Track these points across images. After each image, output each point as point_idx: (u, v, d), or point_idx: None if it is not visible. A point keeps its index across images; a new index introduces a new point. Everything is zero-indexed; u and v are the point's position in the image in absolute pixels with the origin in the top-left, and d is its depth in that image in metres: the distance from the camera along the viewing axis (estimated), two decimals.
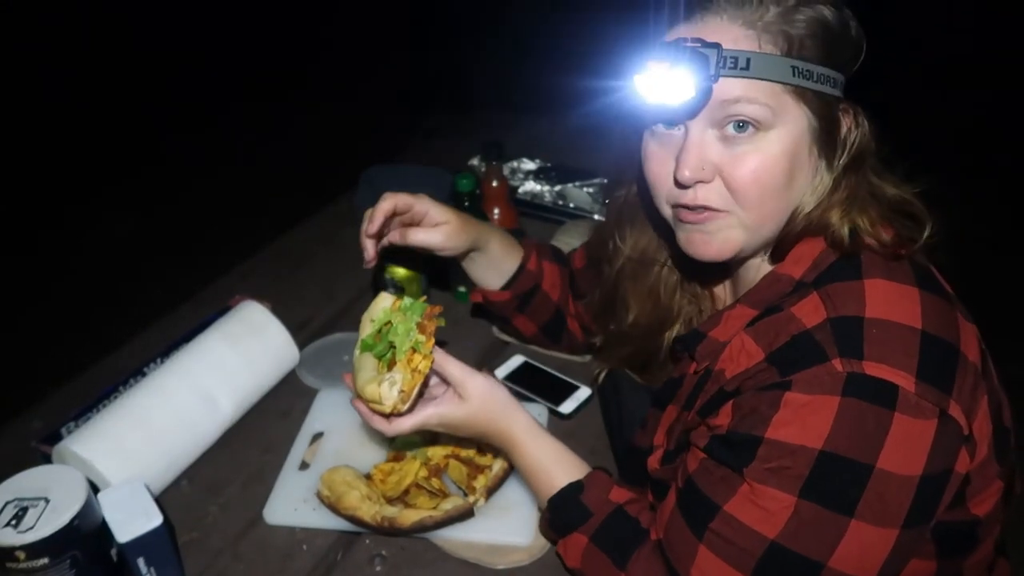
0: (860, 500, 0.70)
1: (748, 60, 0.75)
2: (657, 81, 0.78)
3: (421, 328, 0.93)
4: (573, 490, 0.91)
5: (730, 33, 0.77)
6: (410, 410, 0.93)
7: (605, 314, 1.12)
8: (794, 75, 0.76)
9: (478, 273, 1.21)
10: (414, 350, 0.93)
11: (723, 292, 1.02)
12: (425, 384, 0.95)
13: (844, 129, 0.81)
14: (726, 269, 0.97)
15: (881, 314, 0.74)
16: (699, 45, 0.76)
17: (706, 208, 0.82)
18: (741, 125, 0.78)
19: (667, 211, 0.87)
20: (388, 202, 1.07)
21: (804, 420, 0.72)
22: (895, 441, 0.70)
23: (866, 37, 0.82)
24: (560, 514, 0.91)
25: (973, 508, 0.80)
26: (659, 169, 0.84)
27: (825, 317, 0.75)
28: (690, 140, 0.80)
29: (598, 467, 0.96)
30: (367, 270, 1.12)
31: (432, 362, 0.93)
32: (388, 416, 0.93)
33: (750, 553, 0.73)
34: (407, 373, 0.92)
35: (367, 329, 0.98)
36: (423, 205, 1.10)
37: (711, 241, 0.84)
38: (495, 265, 1.19)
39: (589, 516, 0.88)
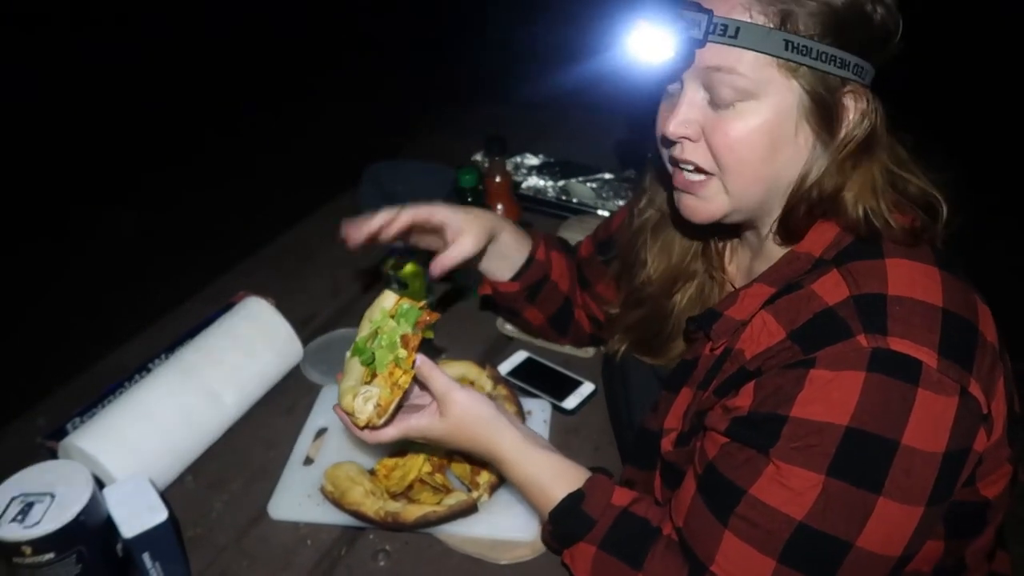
0: (887, 477, 0.70)
1: (737, 29, 0.76)
2: (645, 40, 0.81)
3: (405, 341, 0.92)
4: (573, 500, 0.88)
5: (727, 2, 0.77)
6: (389, 422, 0.93)
7: (626, 273, 1.11)
8: (787, 49, 0.76)
9: (488, 264, 1.19)
10: (396, 364, 0.92)
11: (735, 271, 1.01)
12: (405, 397, 0.95)
13: (851, 111, 0.80)
14: (738, 235, 0.97)
15: (903, 291, 0.74)
16: (692, 9, 0.77)
17: (693, 164, 0.84)
18: (726, 92, 0.79)
19: (668, 170, 0.90)
20: (407, 216, 1.07)
21: (829, 397, 0.72)
22: (919, 417, 0.70)
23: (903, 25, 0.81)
24: (562, 526, 0.89)
25: (983, 489, 0.80)
26: (658, 125, 0.87)
27: (848, 294, 0.75)
28: (682, 97, 0.83)
29: (597, 468, 0.95)
30: (370, 267, 1.12)
31: (413, 376, 0.93)
32: (365, 428, 0.93)
33: (777, 536, 0.72)
34: (386, 388, 0.92)
35: (365, 329, 0.97)
36: (440, 215, 1.09)
37: (699, 205, 0.87)
38: (505, 255, 1.18)
39: (593, 524, 0.86)
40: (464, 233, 1.10)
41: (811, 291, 0.77)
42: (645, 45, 0.81)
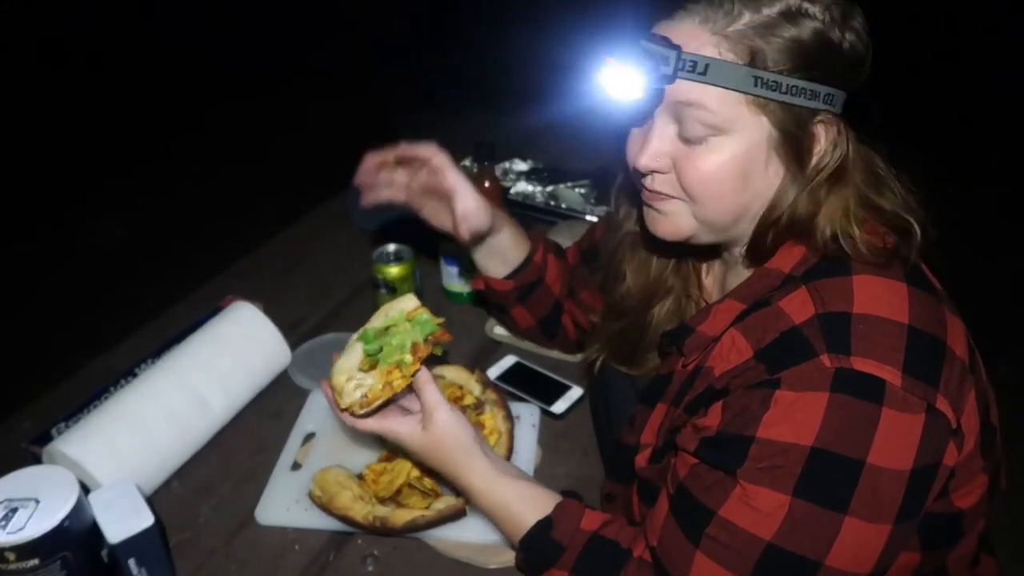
0: (853, 496, 0.70)
1: (706, 66, 0.76)
2: (614, 78, 0.82)
3: (415, 349, 0.93)
4: (542, 528, 0.88)
5: (698, 37, 0.78)
6: (369, 415, 0.94)
7: (608, 284, 1.12)
8: (756, 85, 0.76)
9: (484, 259, 1.19)
10: (397, 365, 0.93)
11: (712, 285, 1.02)
12: (394, 398, 0.95)
13: (823, 142, 0.81)
14: (715, 252, 0.98)
15: (868, 309, 0.74)
16: (661, 45, 0.78)
17: (663, 195, 0.86)
18: (696, 127, 0.80)
19: (637, 188, 0.91)
20: (429, 150, 1.10)
21: (794, 417, 0.72)
22: (884, 436, 0.70)
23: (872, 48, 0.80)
24: (533, 553, 0.90)
25: (957, 501, 0.81)
26: (629, 154, 0.88)
27: (813, 313, 0.75)
28: (652, 132, 0.84)
29: (568, 492, 0.95)
30: (362, 270, 1.11)
31: (408, 383, 0.93)
32: (346, 411, 0.94)
33: (747, 556, 0.73)
34: (379, 383, 0.92)
35: (378, 321, 0.97)
36: (452, 178, 1.10)
37: (663, 221, 0.89)
38: (503, 254, 1.18)
39: (563, 551, 0.86)
40: (475, 205, 1.11)
41: (779, 308, 0.78)
42: (615, 82, 0.82)
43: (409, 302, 0.98)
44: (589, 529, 0.87)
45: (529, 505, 0.91)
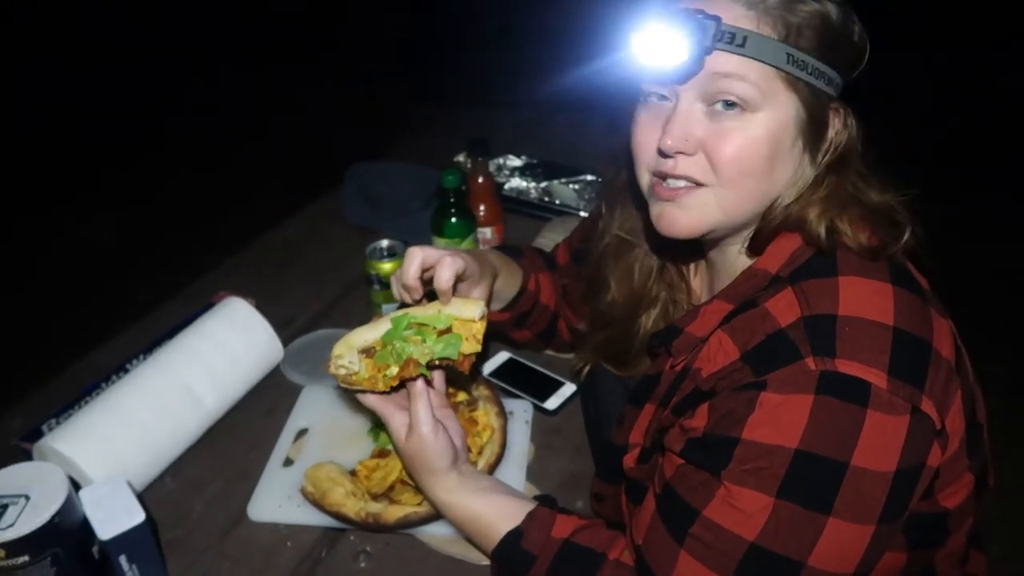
0: (836, 498, 0.71)
1: (745, 38, 0.76)
2: (654, 41, 0.78)
3: (406, 365, 0.92)
4: (512, 538, 0.89)
5: (732, 10, 0.77)
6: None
7: (589, 294, 1.11)
8: (788, 62, 0.77)
9: None
10: (387, 368, 0.93)
11: (699, 286, 1.02)
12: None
13: (833, 128, 0.82)
14: (701, 254, 0.97)
15: (854, 312, 0.74)
16: (699, 15, 0.76)
17: (687, 179, 0.82)
18: (730, 103, 0.78)
19: (645, 181, 0.87)
20: (415, 266, 0.96)
21: (779, 420, 0.72)
22: (868, 438, 0.70)
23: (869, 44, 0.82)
24: (505, 565, 0.90)
25: (942, 500, 0.81)
26: (644, 137, 0.85)
27: (799, 315, 0.75)
28: (678, 110, 0.80)
29: (541, 497, 0.94)
30: (355, 266, 1.09)
31: (387, 390, 0.94)
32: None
33: (730, 556, 0.73)
34: (367, 373, 0.93)
35: (430, 310, 0.95)
36: (471, 269, 1.00)
37: (681, 216, 0.84)
38: (497, 295, 1.16)
39: (534, 560, 0.87)
40: (479, 286, 1.05)
41: (765, 310, 0.78)
42: (651, 47, 0.78)
43: (471, 311, 0.94)
44: (560, 536, 0.87)
45: (500, 517, 0.91)
